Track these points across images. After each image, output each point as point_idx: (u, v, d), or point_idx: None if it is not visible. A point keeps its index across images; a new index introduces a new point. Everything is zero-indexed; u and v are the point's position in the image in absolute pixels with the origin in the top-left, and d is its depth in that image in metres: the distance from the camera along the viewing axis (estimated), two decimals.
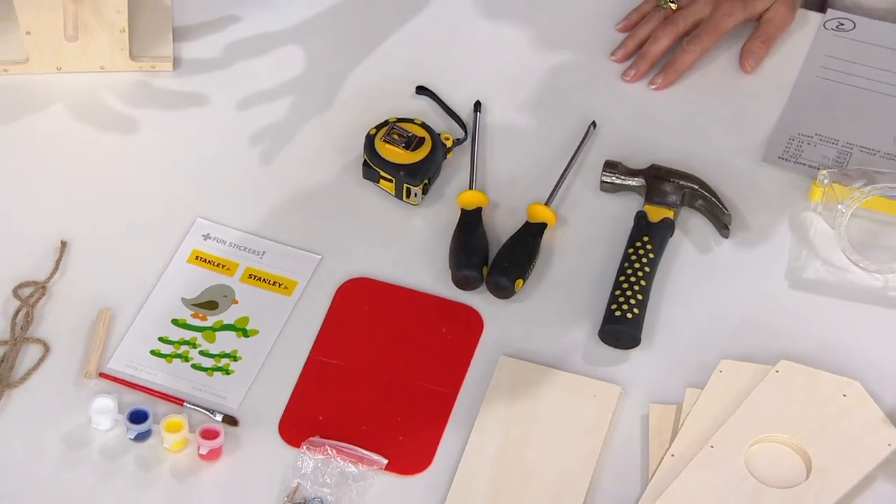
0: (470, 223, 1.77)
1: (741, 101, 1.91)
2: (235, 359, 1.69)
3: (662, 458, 1.62)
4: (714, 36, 1.91)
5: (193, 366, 1.68)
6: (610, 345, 1.70)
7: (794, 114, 1.87)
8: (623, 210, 1.80)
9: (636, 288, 1.71)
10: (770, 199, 1.82)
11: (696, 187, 1.79)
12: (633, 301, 1.71)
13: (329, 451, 1.61)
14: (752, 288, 1.76)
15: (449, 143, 1.83)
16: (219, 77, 1.92)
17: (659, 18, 1.94)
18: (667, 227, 1.77)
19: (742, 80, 1.92)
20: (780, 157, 1.83)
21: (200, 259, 1.76)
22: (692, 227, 1.80)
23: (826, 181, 1.78)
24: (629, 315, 1.70)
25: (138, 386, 1.66)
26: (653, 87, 1.92)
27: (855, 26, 1.97)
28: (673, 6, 1.94)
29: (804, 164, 1.82)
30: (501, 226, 1.79)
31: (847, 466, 1.61)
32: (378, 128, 1.82)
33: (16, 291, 1.72)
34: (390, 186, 1.80)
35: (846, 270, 1.76)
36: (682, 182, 1.80)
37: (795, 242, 1.79)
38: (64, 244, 1.76)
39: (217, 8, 1.97)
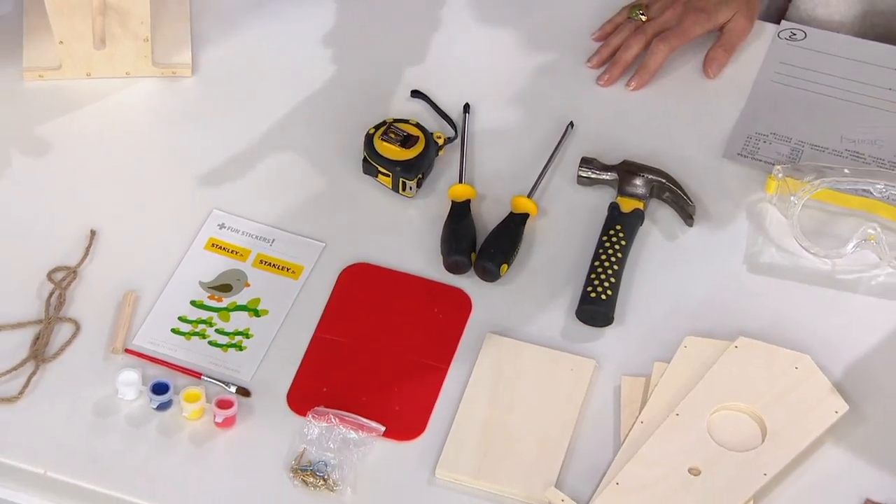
0: (459, 213, 1.78)
1: (704, 103, 1.91)
2: (248, 336, 1.69)
3: (633, 424, 1.62)
4: (681, 39, 1.92)
5: (210, 342, 1.68)
6: (586, 323, 1.71)
7: (752, 115, 1.88)
8: (598, 202, 1.80)
9: (609, 272, 1.72)
10: (730, 191, 1.82)
11: (664, 181, 1.80)
12: (606, 284, 1.71)
13: (332, 420, 1.61)
14: (713, 271, 1.76)
15: (441, 142, 1.83)
16: (233, 82, 1.92)
17: (630, 29, 1.94)
18: (637, 217, 1.77)
19: (705, 84, 1.93)
20: (738, 154, 1.84)
21: (216, 246, 1.76)
22: (660, 217, 1.80)
23: (780, 175, 1.78)
24: (603, 296, 1.70)
25: (160, 360, 1.66)
26: (629, 88, 1.92)
27: (806, 36, 1.97)
28: (643, 18, 1.94)
29: (760, 160, 1.83)
30: (488, 216, 1.79)
31: (798, 432, 1.62)
32: (377, 127, 1.82)
33: (50, 276, 1.72)
34: (388, 181, 1.80)
35: (798, 256, 1.76)
36: (650, 176, 1.80)
37: (752, 230, 1.79)
38: (93, 233, 1.76)
39: (231, 19, 1.96)
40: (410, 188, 1.80)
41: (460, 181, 1.82)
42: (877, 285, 1.75)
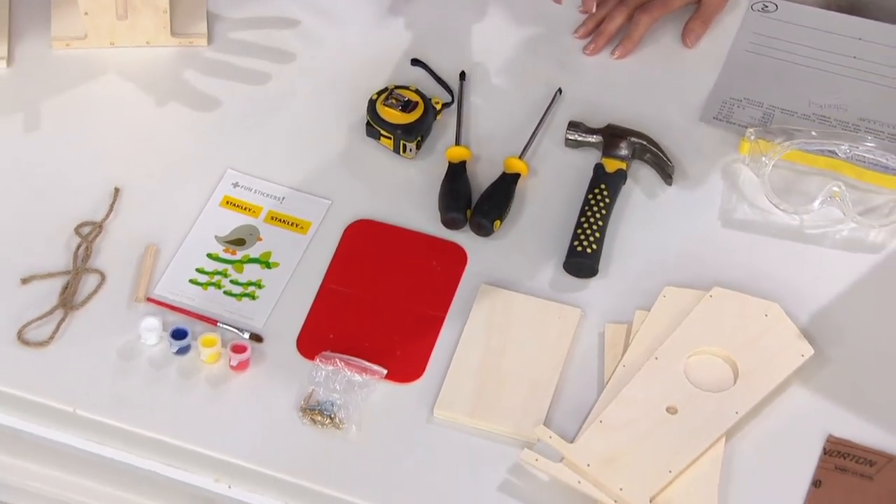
0: (456, 173, 1.78)
1: (683, 71, 1.91)
2: (260, 286, 1.69)
3: (615, 368, 1.63)
4: (661, 10, 1.92)
5: (225, 292, 1.69)
6: (572, 275, 1.71)
7: (727, 82, 1.88)
8: (584, 162, 1.80)
9: (594, 227, 1.72)
10: (706, 152, 1.82)
11: (645, 143, 1.80)
12: (591, 238, 1.71)
13: (338, 363, 1.62)
14: (690, 227, 1.77)
15: (438, 107, 1.83)
16: (245, 51, 1.91)
17: (614, 1, 1.94)
18: (620, 176, 1.77)
19: (684, 53, 1.93)
20: (714, 118, 1.85)
21: (230, 203, 1.76)
22: (641, 177, 1.80)
23: (753, 137, 1.79)
24: (588, 250, 1.71)
25: (179, 308, 1.67)
26: (614, 56, 1.91)
27: (777, 8, 1.96)
28: None
29: (734, 124, 1.83)
30: (482, 175, 1.79)
31: (768, 374, 1.63)
32: (379, 93, 1.82)
33: (77, 230, 1.72)
34: (389, 143, 1.80)
35: (769, 212, 1.77)
36: (633, 139, 1.80)
37: (727, 189, 1.79)
38: (117, 190, 1.76)
39: None
40: (410, 150, 1.80)
41: (457, 143, 1.82)
42: (841, 239, 1.76)
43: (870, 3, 2.01)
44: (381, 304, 1.69)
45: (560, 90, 1.87)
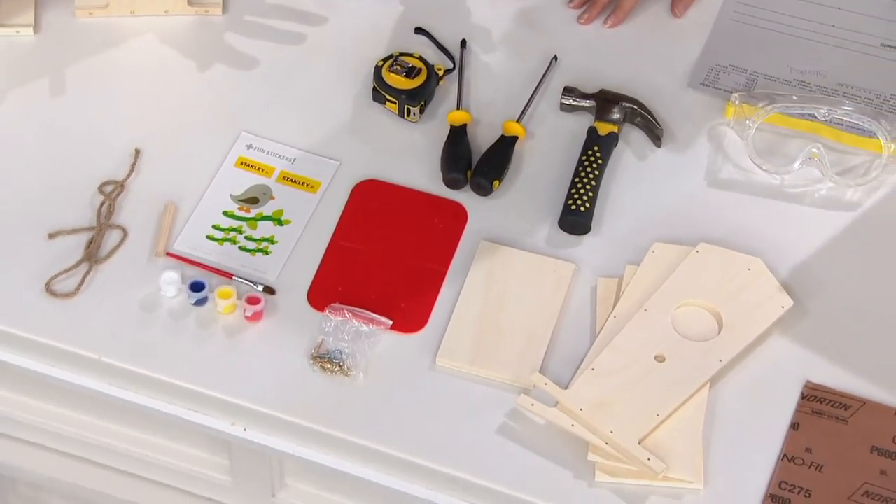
0: (457, 136, 1.78)
1: (672, 39, 1.91)
2: (273, 242, 1.70)
3: (607, 319, 1.64)
4: None
5: (240, 248, 1.69)
6: (567, 232, 1.72)
7: (713, 49, 1.88)
8: (578, 126, 1.80)
9: (588, 187, 1.73)
10: (693, 116, 1.83)
11: (636, 107, 1.80)
12: (585, 197, 1.72)
13: (346, 315, 1.63)
14: (678, 186, 1.77)
15: (441, 73, 1.82)
16: (259, 20, 1.90)
17: None
18: (612, 139, 1.77)
19: (673, 22, 1.92)
20: (701, 83, 1.85)
21: (244, 164, 1.76)
22: (632, 139, 1.80)
23: (737, 102, 1.79)
24: (582, 208, 1.71)
25: (197, 263, 1.68)
26: (606, 25, 1.91)
27: None
28: None
29: (720, 89, 1.83)
30: (482, 138, 1.79)
31: (750, 324, 1.63)
32: (384, 60, 1.82)
33: (101, 188, 1.72)
34: (394, 107, 1.80)
35: (752, 172, 1.77)
36: (624, 104, 1.80)
37: (713, 150, 1.80)
38: (138, 151, 1.76)
39: None
40: (414, 114, 1.80)
41: (458, 108, 1.82)
42: (819, 198, 1.76)
43: None
44: (387, 259, 1.69)
45: (555, 58, 1.87)
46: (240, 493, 1.77)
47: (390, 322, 1.64)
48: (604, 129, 1.78)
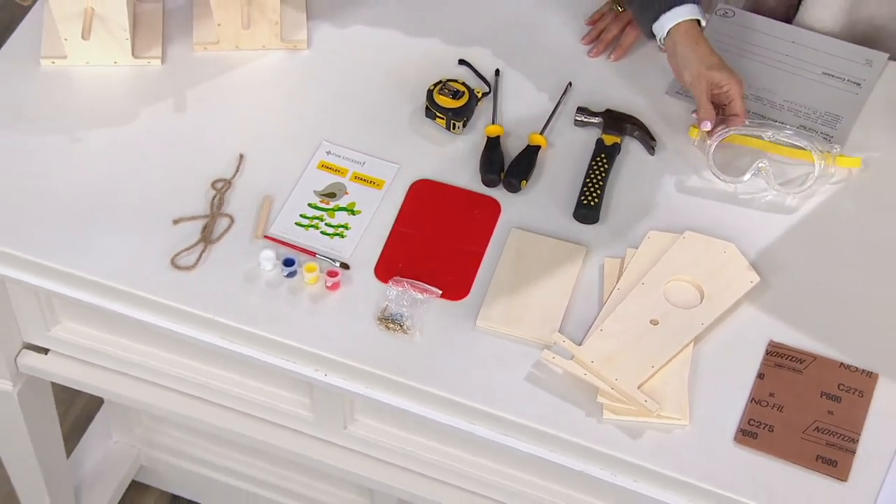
0: (492, 145, 1.77)
1: (665, 70, 1.84)
2: (347, 228, 1.70)
3: (611, 291, 1.64)
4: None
5: (322, 232, 1.69)
6: (580, 221, 1.72)
7: None
8: (588, 138, 1.80)
9: (597, 186, 1.73)
10: (680, 132, 1.80)
11: (635, 124, 1.79)
12: (594, 194, 1.72)
13: (405, 285, 1.63)
14: (669, 186, 1.75)
15: (479, 95, 1.82)
16: (336, 53, 1.88)
17: (611, 16, 1.91)
18: (616, 148, 1.77)
19: (662, 56, 1.84)
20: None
21: (325, 166, 1.76)
22: (631, 149, 1.80)
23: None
24: (592, 203, 1.71)
25: (288, 243, 1.68)
26: (611, 59, 1.88)
27: (735, 14, 1.91)
28: (620, 9, 1.90)
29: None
30: (512, 147, 1.78)
31: (725, 295, 1.63)
32: (435, 85, 1.81)
33: (213, 185, 1.73)
34: (443, 122, 1.80)
35: (713, 181, 1.74)
36: (625, 121, 1.79)
37: (690, 160, 1.77)
38: (242, 156, 1.76)
39: (334, 7, 1.92)
40: (458, 127, 1.80)
41: (493, 122, 1.81)
42: (765, 203, 1.74)
43: (884, 37, 1.91)
44: (437, 242, 1.69)
45: (570, 84, 1.86)
46: (318, 426, 1.77)
47: (440, 291, 1.64)
48: (609, 140, 1.78)
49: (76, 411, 2.53)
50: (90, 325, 1.83)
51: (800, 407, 1.56)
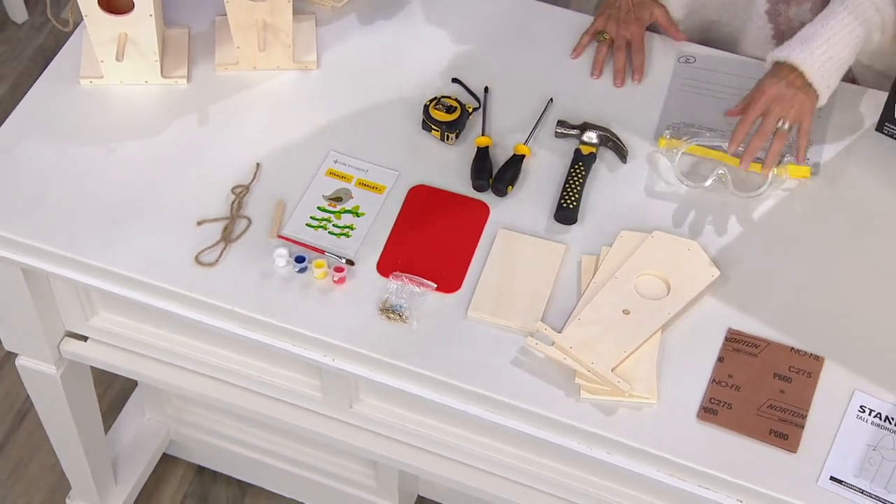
0: (482, 154, 1.76)
1: (632, 91, 1.85)
2: (352, 228, 1.69)
3: (588, 284, 1.63)
4: (641, 49, 1.86)
5: (329, 232, 1.68)
6: (560, 222, 1.71)
7: (668, 109, 1.83)
8: (568, 147, 1.79)
9: (575, 191, 1.72)
10: (648, 142, 1.79)
11: (608, 135, 1.77)
12: (573, 198, 1.71)
13: (404, 279, 1.63)
14: (640, 191, 1.74)
15: (470, 110, 1.80)
16: (342, 72, 1.86)
17: (605, 45, 1.86)
18: (592, 157, 1.76)
19: (635, 87, 1.86)
20: (666, 128, 1.79)
21: (332, 173, 1.74)
22: (606, 158, 1.78)
23: (668, 136, 1.77)
24: (571, 206, 1.70)
25: (299, 242, 1.67)
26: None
27: (696, 60, 1.88)
28: (607, 37, 1.86)
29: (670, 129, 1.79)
30: (500, 156, 1.77)
31: (689, 288, 1.63)
32: (431, 100, 1.79)
33: (232, 190, 1.72)
34: (437, 134, 1.78)
35: (678, 185, 1.75)
36: (600, 132, 1.77)
37: (658, 168, 1.76)
38: (258, 164, 1.75)
39: (340, 30, 1.91)
40: (451, 139, 1.78)
41: (482, 134, 1.80)
42: (724, 206, 1.73)
43: (866, 77, 1.89)
44: (433, 240, 1.69)
45: (552, 99, 1.84)
46: (326, 405, 1.77)
47: (435, 285, 1.63)
48: (586, 150, 1.77)
49: (113, 392, 2.53)
50: (124, 316, 1.83)
51: (755, 387, 1.56)
